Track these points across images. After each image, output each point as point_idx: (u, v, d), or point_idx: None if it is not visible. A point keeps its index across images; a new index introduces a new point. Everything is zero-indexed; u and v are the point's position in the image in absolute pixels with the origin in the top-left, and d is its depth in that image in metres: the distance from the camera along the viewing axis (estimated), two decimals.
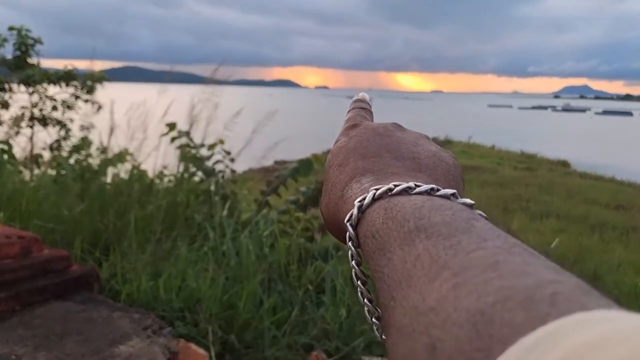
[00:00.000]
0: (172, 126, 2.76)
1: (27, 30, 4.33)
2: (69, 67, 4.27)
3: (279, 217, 2.59)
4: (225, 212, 2.46)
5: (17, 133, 4.02)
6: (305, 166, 2.66)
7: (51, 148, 4.13)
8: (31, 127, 4.22)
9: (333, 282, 2.25)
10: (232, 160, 2.85)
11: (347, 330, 2.07)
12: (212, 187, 2.60)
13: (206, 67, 3.05)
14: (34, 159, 3.63)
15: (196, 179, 2.86)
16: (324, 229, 2.67)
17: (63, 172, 2.86)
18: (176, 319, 1.95)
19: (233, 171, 2.89)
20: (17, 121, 4.01)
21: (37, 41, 4.35)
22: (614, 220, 7.51)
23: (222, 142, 2.88)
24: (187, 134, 2.79)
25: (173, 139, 2.78)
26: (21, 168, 3.23)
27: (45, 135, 4.22)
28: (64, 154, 3.71)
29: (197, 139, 2.92)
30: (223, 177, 2.80)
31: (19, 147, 3.57)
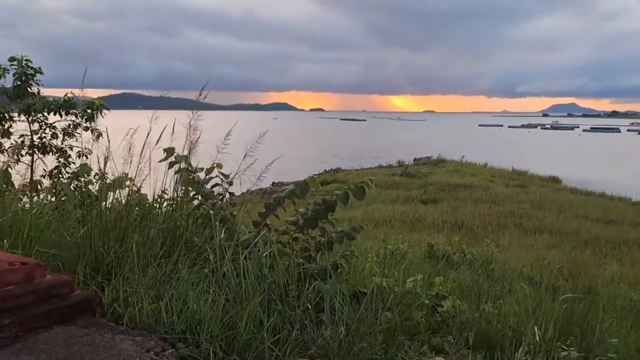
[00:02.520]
0: (170, 151, 2.82)
1: (28, 60, 4.43)
2: (69, 95, 4.36)
3: (278, 237, 2.64)
4: (224, 235, 2.50)
5: (18, 161, 4.06)
6: (301, 188, 2.72)
7: (51, 175, 4.17)
8: (31, 154, 4.27)
9: (332, 301, 2.28)
10: (231, 183, 2.90)
11: (346, 348, 2.10)
12: (211, 211, 2.64)
13: (204, 93, 3.12)
14: (34, 186, 3.67)
15: (195, 202, 2.90)
16: (322, 248, 2.72)
17: (63, 198, 2.90)
18: (178, 340, 1.97)
19: (231, 194, 2.94)
20: (17, 149, 4.06)
21: (37, 71, 4.45)
22: (606, 234, 7.60)
23: (220, 165, 2.94)
24: (186, 158, 2.85)
25: (172, 164, 2.83)
26: (21, 195, 3.26)
27: (45, 163, 4.26)
28: (64, 180, 3.75)
29: (195, 163, 2.97)
30: (222, 199, 2.85)
31: (19, 175, 3.61)
